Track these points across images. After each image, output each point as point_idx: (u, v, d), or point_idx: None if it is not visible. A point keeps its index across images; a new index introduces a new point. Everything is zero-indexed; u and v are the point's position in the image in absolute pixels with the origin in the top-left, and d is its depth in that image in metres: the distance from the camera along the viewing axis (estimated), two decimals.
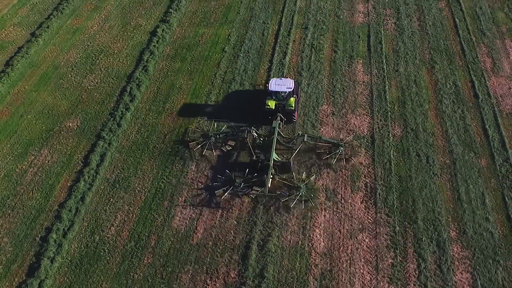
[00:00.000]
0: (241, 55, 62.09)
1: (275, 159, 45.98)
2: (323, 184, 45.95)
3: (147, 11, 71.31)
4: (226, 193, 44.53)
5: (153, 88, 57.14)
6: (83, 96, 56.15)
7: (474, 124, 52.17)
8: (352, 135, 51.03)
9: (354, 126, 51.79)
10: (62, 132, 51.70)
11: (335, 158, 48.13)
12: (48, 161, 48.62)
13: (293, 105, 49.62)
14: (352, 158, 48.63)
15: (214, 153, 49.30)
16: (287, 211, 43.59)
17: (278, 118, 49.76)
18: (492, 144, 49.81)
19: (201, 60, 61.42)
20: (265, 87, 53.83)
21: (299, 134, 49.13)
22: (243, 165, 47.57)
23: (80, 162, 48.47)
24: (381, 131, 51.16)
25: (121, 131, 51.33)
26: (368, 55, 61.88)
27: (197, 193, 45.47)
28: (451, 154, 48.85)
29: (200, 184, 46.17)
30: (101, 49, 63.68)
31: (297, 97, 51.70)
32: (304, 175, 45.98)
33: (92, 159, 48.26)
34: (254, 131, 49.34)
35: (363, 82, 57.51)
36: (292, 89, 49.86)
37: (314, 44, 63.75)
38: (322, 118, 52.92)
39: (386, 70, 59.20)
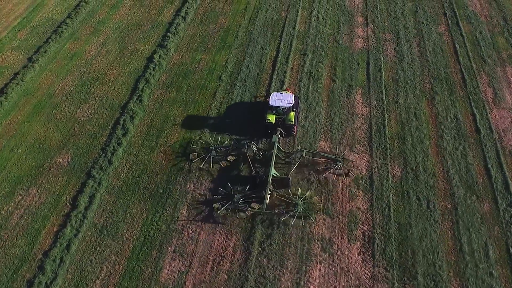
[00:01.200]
0: (238, 84, 57.18)
1: (273, 174, 43.79)
2: (319, 233, 41.03)
3: (145, 34, 66.17)
4: (223, 208, 42.48)
5: (147, 120, 52.17)
6: (75, 129, 51.26)
7: (476, 163, 47.05)
8: (348, 149, 49.03)
9: (352, 165, 46.50)
10: (52, 169, 46.89)
11: (334, 173, 46.32)
12: (36, 202, 43.93)
13: (293, 120, 48.17)
14: (350, 172, 46.17)
15: (213, 167, 47.32)
16: (281, 265, 38.45)
17: (278, 133, 48.06)
18: (495, 186, 44.82)
19: (197, 89, 56.44)
20: (266, 101, 51.38)
21: (298, 149, 47.07)
22: (243, 179, 45.58)
23: (68, 204, 43.75)
24: (380, 171, 46.09)
25: (112, 169, 46.51)
26: (367, 84, 56.66)
27: (186, 242, 40.71)
28: (452, 197, 43.81)
29: (191, 231, 41.59)
30: (97, 76, 58.67)
31: (297, 111, 50.07)
32: (301, 191, 43.91)
33: (81, 201, 43.54)
34: (254, 146, 47.16)
35: (362, 115, 52.34)
36: (292, 104, 48.25)
37: (312, 72, 58.59)
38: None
39: (385, 102, 54.01)
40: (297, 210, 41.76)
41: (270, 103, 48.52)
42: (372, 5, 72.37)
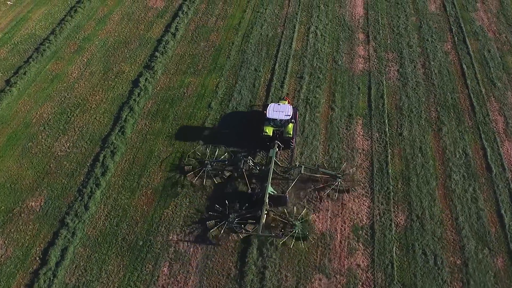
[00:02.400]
0: (228, 112, 51.03)
1: (270, 192, 40.86)
2: None
3: (132, 53, 60.18)
4: (216, 227, 39.75)
5: (129, 156, 46.53)
6: (51, 165, 45.65)
7: (487, 209, 41.48)
8: (352, 166, 45.86)
9: (352, 212, 40.92)
10: (22, 215, 41.45)
11: (334, 191, 43.23)
12: (2, 256, 38.42)
13: (291, 132, 45.15)
14: (351, 189, 43.22)
15: (208, 182, 44.28)
16: None
17: (276, 146, 45.07)
18: (509, 236, 39.07)
19: (185, 119, 50.68)
20: (263, 113, 47.32)
21: (296, 165, 44.20)
22: (238, 196, 42.67)
23: (37, 259, 38.45)
24: (383, 219, 40.55)
25: (88, 215, 41.08)
26: (369, 113, 50.85)
27: None
28: (462, 251, 38.32)
29: None
30: (78, 102, 52.90)
31: (296, 122, 47.05)
32: (298, 210, 41.22)
33: (52, 255, 38.31)
34: (250, 161, 44.13)
35: (363, 150, 46.61)
36: (290, 116, 45.10)
37: (309, 99, 52.73)
38: (316, 201, 42.07)
39: (388, 134, 48.28)
40: (295, 231, 38.86)
41: (267, 115, 45.29)
42: (374, 19, 66.22)
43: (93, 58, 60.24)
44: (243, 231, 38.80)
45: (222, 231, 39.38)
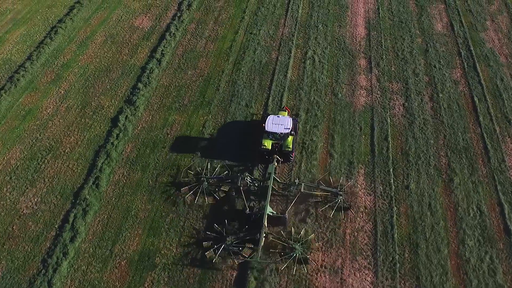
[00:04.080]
0: (215, 162, 43.89)
1: (269, 213, 37.51)
2: None
3: (113, 84, 52.88)
4: (212, 249, 36.49)
5: (103, 215, 39.64)
6: (14, 227, 38.91)
7: (508, 284, 34.17)
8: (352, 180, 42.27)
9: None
10: None
11: (333, 209, 39.63)
12: None
13: (291, 146, 41.95)
14: (352, 207, 39.94)
15: (206, 201, 40.84)
16: None
17: (275, 161, 41.87)
18: None
19: (167, 168, 43.40)
20: (261, 126, 43.37)
21: (295, 182, 40.44)
22: (235, 217, 39.34)
23: None
24: None
25: None
26: (372, 159, 43.73)
27: None
28: None
29: None
30: (50, 145, 45.80)
31: (295, 134, 43.78)
32: (298, 231, 37.75)
33: None
34: (248, 177, 40.83)
35: (365, 208, 39.64)
36: (290, 129, 41.70)
37: (305, 143, 45.43)
38: (311, 275, 35.45)
39: (393, 187, 41.28)
40: (295, 254, 35.72)
41: (266, 128, 42.00)
42: (376, 42, 58.55)
43: (70, 90, 52.87)
44: (240, 257, 35.62)
45: (218, 254, 36.17)
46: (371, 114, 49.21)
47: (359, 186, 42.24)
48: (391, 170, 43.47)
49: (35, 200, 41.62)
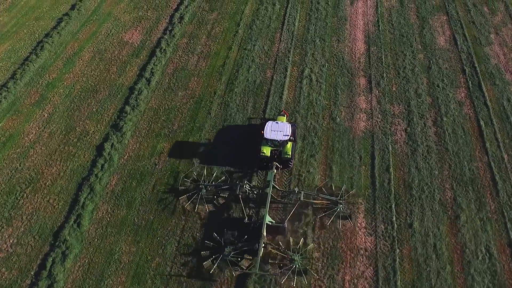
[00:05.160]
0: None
1: (268, 222, 36.22)
2: None
3: (99, 106, 48.69)
4: (210, 260, 35.13)
5: (84, 259, 35.86)
6: None
7: None
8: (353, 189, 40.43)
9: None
10: None
11: (332, 217, 38.14)
12: None
13: (290, 153, 40.72)
14: (351, 215, 38.36)
15: (205, 208, 39.42)
16: None
17: (274, 168, 40.52)
18: None
19: (154, 203, 39.28)
20: (261, 133, 41.69)
21: (295, 191, 38.79)
22: (234, 226, 37.64)
23: None
24: None
25: None
26: (373, 193, 39.88)
27: None
28: None
29: None
30: (31, 177, 41.78)
31: (294, 139, 42.48)
32: (297, 241, 36.20)
33: None
34: (247, 185, 39.32)
35: (365, 250, 35.80)
36: (289, 136, 40.34)
37: (301, 175, 41.68)
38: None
39: (396, 225, 37.34)
40: (294, 266, 34.30)
41: (265, 135, 40.62)
42: (376, 58, 54.40)
43: (55, 113, 48.74)
44: (239, 268, 34.35)
45: (216, 265, 34.81)
46: (371, 141, 45.10)
47: (358, 225, 38.12)
48: (393, 205, 39.49)
49: (11, 241, 37.66)
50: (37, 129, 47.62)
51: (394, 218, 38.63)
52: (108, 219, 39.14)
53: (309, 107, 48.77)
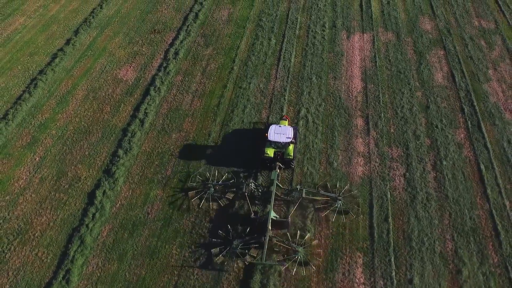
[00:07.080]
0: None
1: (273, 217, 39.02)
2: None
3: (91, 149, 47.36)
4: (221, 255, 37.68)
5: None
6: None
7: None
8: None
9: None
10: None
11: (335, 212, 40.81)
12: None
13: (292, 154, 43.55)
14: (350, 211, 40.86)
15: (212, 206, 42.29)
16: None
17: (277, 168, 43.32)
18: None
19: (146, 257, 37.65)
20: (265, 135, 44.57)
21: (297, 188, 42.02)
22: (241, 221, 40.65)
23: None
24: None
25: None
26: (371, 246, 38.42)
27: None
28: None
29: None
30: (19, 227, 40.19)
31: (296, 142, 45.11)
32: (300, 234, 39.37)
33: None
34: (252, 183, 42.36)
35: None
36: (291, 138, 43.10)
37: (297, 229, 39.60)
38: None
39: (395, 281, 35.55)
40: (297, 256, 37.27)
41: (268, 137, 43.34)
42: (373, 97, 53.27)
43: (46, 156, 47.34)
44: (247, 258, 37.52)
45: (227, 256, 37.88)
46: (369, 187, 43.73)
47: (357, 280, 36.49)
48: (392, 259, 37.98)
49: None
50: (28, 174, 46.13)
51: (394, 273, 37.11)
52: (99, 275, 37.57)
53: (306, 151, 47.47)
